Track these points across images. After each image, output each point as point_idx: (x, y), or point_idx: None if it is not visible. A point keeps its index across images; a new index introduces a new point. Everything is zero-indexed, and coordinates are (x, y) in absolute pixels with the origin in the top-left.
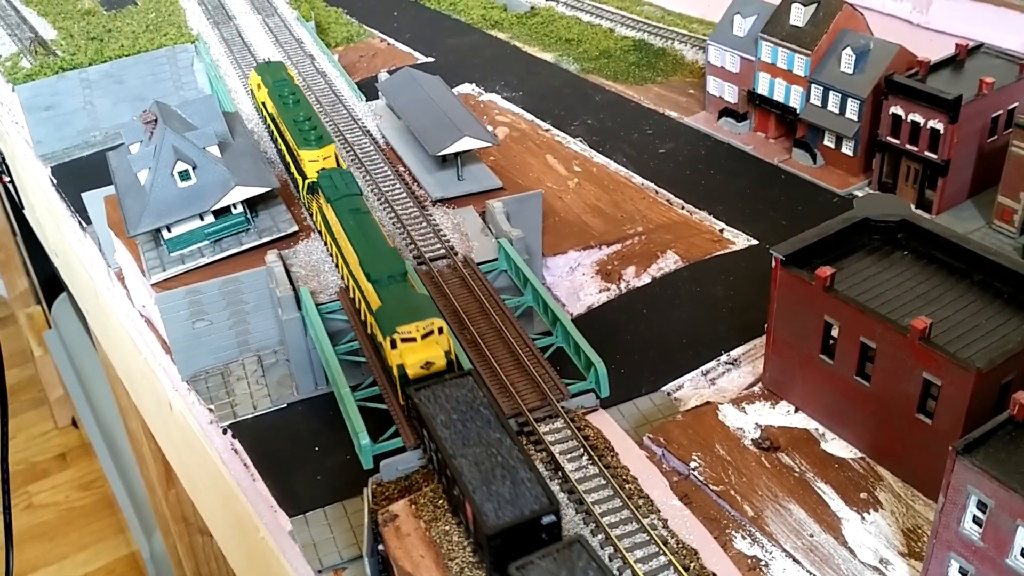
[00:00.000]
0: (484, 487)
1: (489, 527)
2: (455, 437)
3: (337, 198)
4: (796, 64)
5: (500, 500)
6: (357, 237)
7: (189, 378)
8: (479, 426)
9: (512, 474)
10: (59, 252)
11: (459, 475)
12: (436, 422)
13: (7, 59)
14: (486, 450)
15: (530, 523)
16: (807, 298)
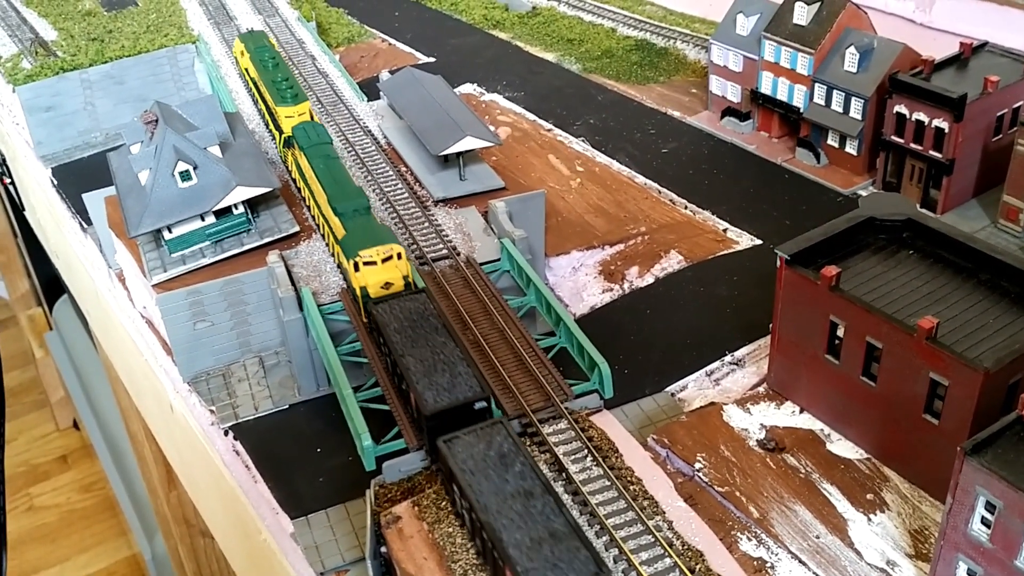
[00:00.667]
0: (426, 378)
1: (427, 409)
2: (405, 340)
3: (309, 146)
4: (799, 63)
5: (439, 388)
6: (326, 177)
7: (190, 379)
8: (426, 332)
9: (451, 368)
10: (60, 253)
11: (406, 370)
12: (390, 329)
13: (8, 60)
14: (431, 351)
15: (463, 407)
16: (812, 298)
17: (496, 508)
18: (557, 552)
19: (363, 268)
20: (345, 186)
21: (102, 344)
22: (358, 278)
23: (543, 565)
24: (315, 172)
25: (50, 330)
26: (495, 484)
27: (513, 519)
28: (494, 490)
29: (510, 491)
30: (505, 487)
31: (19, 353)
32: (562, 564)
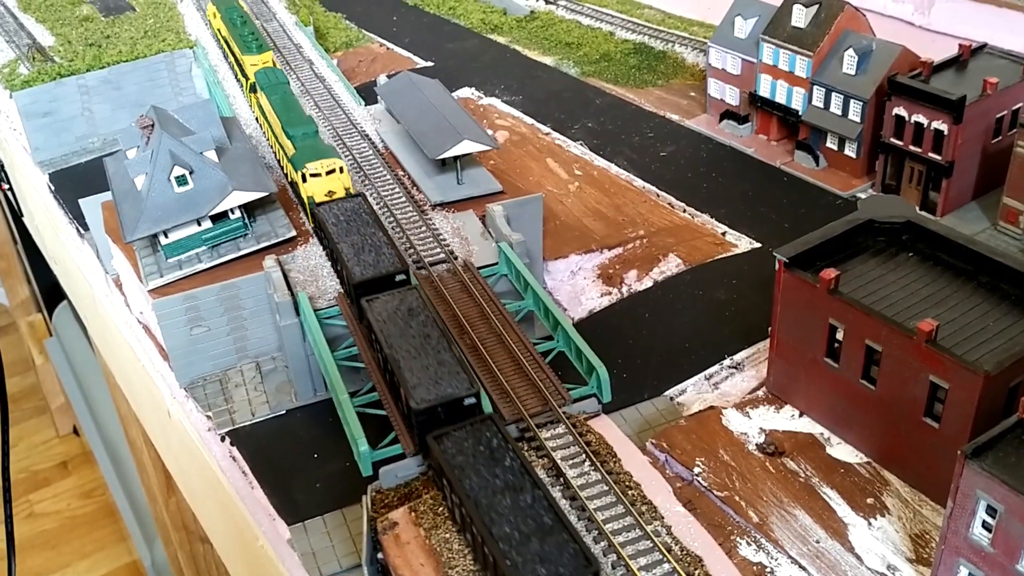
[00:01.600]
0: (356, 257)
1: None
2: (341, 230)
3: (268, 86)
4: (798, 66)
5: (365, 264)
6: (280, 108)
7: (187, 385)
8: (360, 226)
9: (438, 358)
10: (58, 259)
11: (340, 254)
12: (328, 224)
13: (5, 66)
14: (363, 237)
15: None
16: (811, 301)
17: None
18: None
19: (310, 179)
20: (297, 114)
21: (100, 350)
22: (305, 188)
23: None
24: (272, 105)
25: (50, 336)
26: (485, 479)
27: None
28: (483, 485)
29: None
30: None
31: (19, 359)
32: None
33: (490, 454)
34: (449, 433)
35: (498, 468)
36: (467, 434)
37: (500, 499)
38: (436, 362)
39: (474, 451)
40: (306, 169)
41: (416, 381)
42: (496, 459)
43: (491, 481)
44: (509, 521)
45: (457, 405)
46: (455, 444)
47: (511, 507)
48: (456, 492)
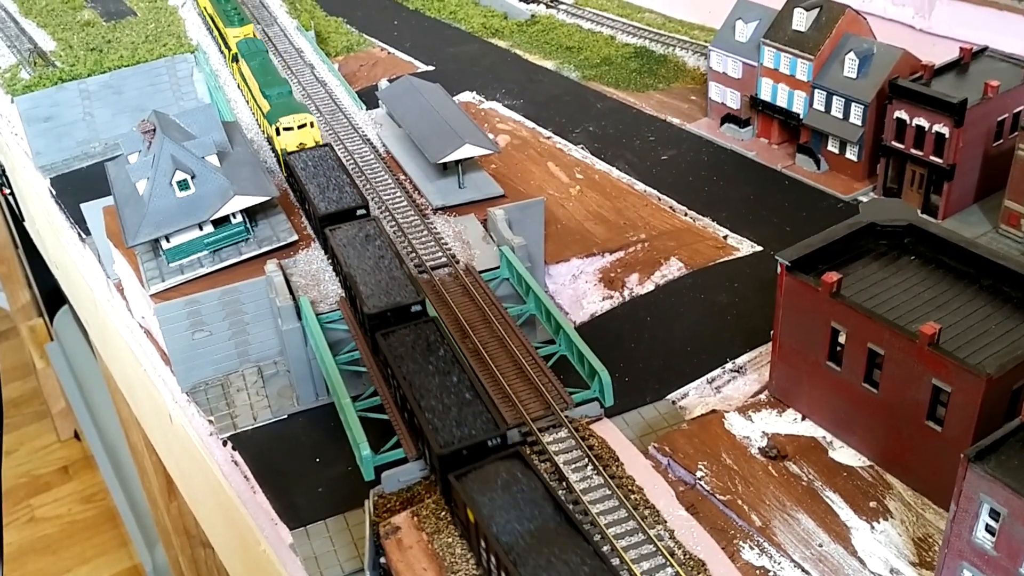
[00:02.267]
0: (321, 194)
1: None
2: (308, 174)
3: (248, 53)
4: (799, 69)
5: (329, 200)
6: (259, 72)
7: (189, 389)
8: (326, 170)
9: (339, 183)
10: (59, 264)
11: (307, 193)
12: (297, 169)
13: (6, 70)
14: (328, 179)
15: (401, 309)
16: (813, 304)
17: (419, 384)
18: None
19: (283, 132)
20: (273, 77)
21: (101, 354)
22: (279, 140)
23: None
24: (251, 70)
25: (51, 341)
26: (419, 365)
27: (431, 390)
28: (418, 370)
29: (431, 370)
30: (427, 367)
31: (20, 364)
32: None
33: (427, 347)
34: (395, 331)
35: (432, 357)
36: (409, 331)
37: (431, 380)
38: (388, 277)
39: (413, 344)
40: (279, 123)
41: (369, 292)
42: (431, 351)
43: (424, 367)
44: (436, 397)
45: (405, 311)
46: (398, 340)
47: (439, 386)
48: (395, 377)
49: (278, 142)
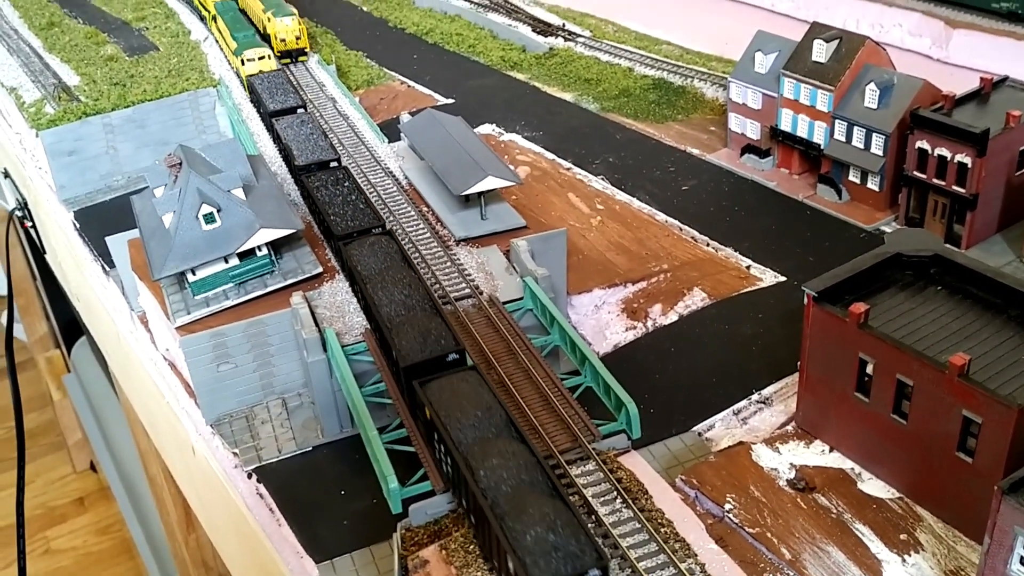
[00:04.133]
0: (271, 98)
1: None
2: (268, 94)
3: (222, 12)
4: (819, 100)
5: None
6: (230, 23)
7: (213, 422)
8: (283, 92)
9: (287, 92)
10: (81, 296)
11: (263, 103)
12: (260, 90)
13: (31, 105)
14: (286, 97)
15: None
16: (841, 335)
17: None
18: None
19: (246, 63)
20: (241, 25)
21: (122, 386)
22: (244, 69)
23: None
24: (225, 23)
25: (68, 372)
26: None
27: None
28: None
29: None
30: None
31: (37, 395)
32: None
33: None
34: (435, 380)
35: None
36: (449, 382)
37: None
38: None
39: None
40: (244, 56)
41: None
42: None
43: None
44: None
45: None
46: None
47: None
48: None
49: (243, 71)
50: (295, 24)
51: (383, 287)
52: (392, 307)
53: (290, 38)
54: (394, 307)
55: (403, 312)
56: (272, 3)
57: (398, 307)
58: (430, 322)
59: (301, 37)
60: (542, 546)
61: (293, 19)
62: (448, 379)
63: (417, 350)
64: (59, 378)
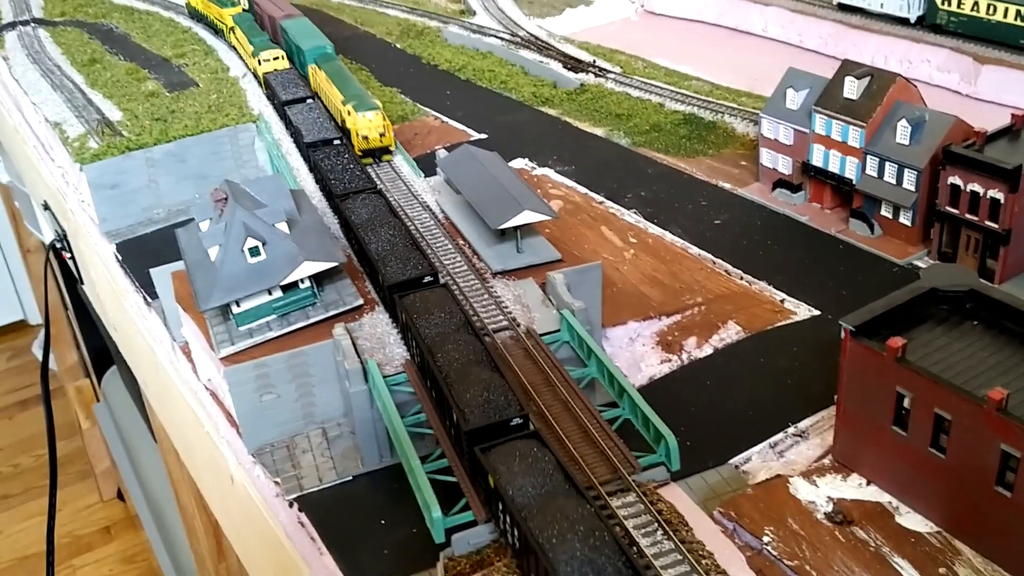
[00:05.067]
0: (302, 118)
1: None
2: (283, 90)
3: (240, 23)
4: (851, 136)
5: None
6: (248, 31)
7: (255, 451)
8: (296, 87)
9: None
10: (119, 326)
11: (286, 110)
12: (274, 83)
13: (75, 140)
14: (303, 93)
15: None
16: (878, 369)
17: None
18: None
19: (263, 62)
20: (256, 32)
21: (158, 415)
22: (260, 68)
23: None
24: (244, 32)
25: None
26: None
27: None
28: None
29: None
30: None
31: (65, 424)
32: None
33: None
34: (498, 447)
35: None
36: (513, 450)
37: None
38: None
39: (518, 459)
40: (260, 57)
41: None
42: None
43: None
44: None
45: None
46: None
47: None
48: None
49: (259, 69)
50: (379, 119)
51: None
52: (451, 365)
53: (373, 135)
54: (453, 365)
55: (461, 370)
56: (352, 93)
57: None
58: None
59: (386, 134)
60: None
61: (377, 113)
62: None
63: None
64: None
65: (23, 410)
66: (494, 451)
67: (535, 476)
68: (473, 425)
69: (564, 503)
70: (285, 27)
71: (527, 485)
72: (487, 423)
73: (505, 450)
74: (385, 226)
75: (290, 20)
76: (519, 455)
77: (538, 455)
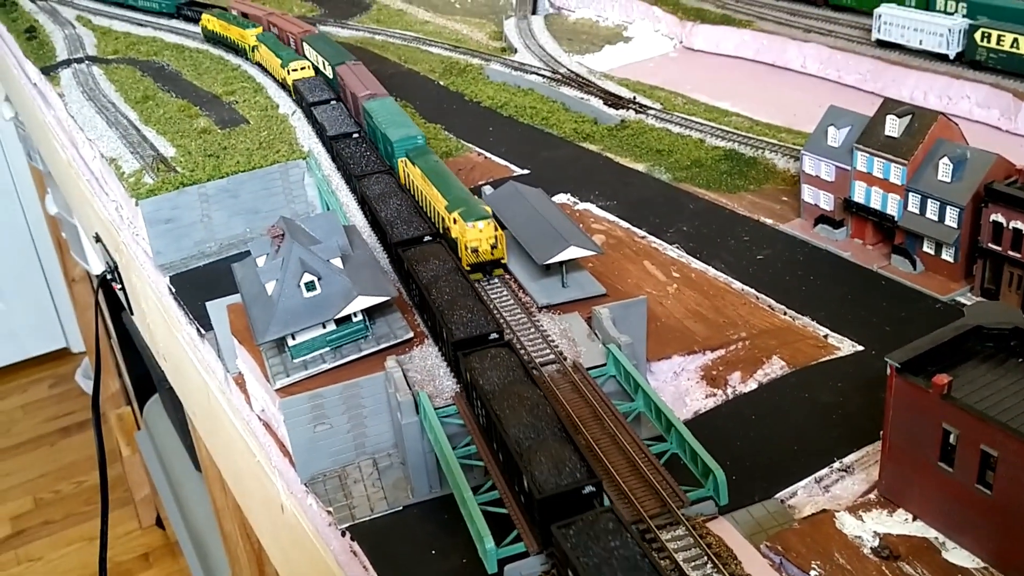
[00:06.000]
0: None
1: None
2: (310, 93)
3: (264, 40)
4: (892, 173)
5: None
6: (274, 48)
7: (308, 480)
8: (322, 90)
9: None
10: (168, 356)
11: (312, 109)
12: (302, 88)
13: (131, 175)
14: (327, 95)
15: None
16: (924, 406)
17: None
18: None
19: (290, 72)
20: (285, 50)
21: (206, 444)
22: (289, 77)
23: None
24: (268, 48)
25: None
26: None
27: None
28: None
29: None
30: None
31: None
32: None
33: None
34: (574, 524)
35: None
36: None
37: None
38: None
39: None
40: (288, 67)
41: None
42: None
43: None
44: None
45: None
46: (579, 537)
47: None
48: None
49: (288, 78)
50: (490, 229)
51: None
52: (520, 429)
53: (484, 247)
54: (522, 429)
55: (532, 436)
56: (457, 198)
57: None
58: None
59: (498, 245)
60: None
61: (488, 223)
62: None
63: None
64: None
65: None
66: (569, 530)
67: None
68: (547, 493)
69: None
70: (368, 109)
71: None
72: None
73: (580, 529)
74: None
75: (374, 101)
76: (595, 532)
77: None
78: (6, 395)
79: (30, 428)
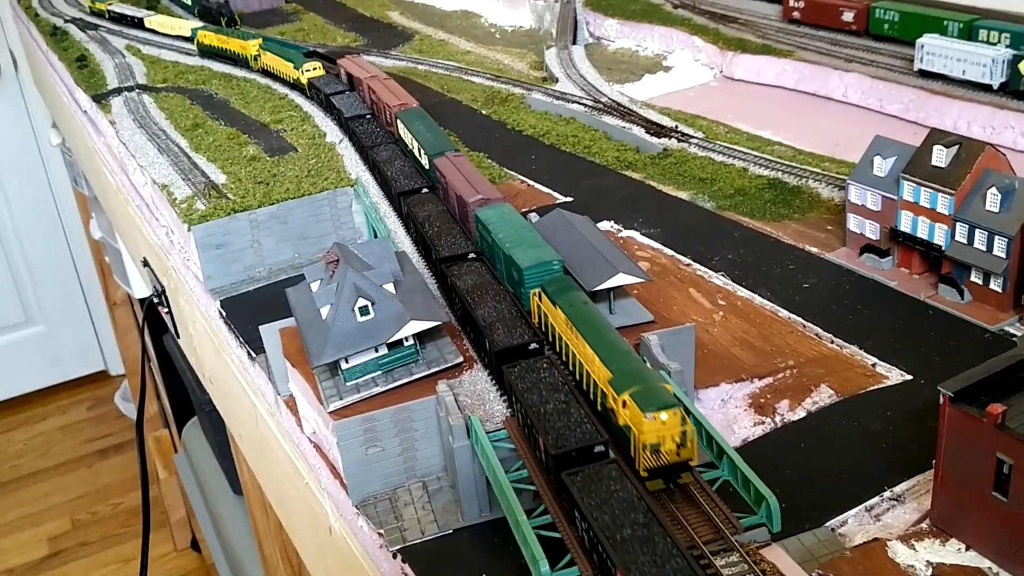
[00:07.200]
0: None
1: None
2: (325, 86)
3: (268, 48)
4: (940, 203)
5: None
6: (280, 53)
7: (359, 502)
8: (333, 82)
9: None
10: (215, 379)
11: (328, 97)
12: (322, 87)
13: (183, 201)
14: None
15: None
16: (977, 435)
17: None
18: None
19: (304, 73)
20: (293, 53)
21: (251, 466)
22: (303, 76)
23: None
24: (274, 53)
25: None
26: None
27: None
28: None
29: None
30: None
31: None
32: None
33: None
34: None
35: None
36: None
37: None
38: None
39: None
40: (303, 68)
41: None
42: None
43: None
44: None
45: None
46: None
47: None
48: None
49: (302, 77)
50: (676, 420)
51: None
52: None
53: (668, 446)
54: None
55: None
56: (626, 370)
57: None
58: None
59: (685, 445)
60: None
61: (673, 413)
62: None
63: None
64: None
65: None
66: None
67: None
68: (324, 90)
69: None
70: (483, 218)
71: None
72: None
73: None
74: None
75: (489, 208)
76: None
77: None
78: (46, 416)
79: (68, 449)
